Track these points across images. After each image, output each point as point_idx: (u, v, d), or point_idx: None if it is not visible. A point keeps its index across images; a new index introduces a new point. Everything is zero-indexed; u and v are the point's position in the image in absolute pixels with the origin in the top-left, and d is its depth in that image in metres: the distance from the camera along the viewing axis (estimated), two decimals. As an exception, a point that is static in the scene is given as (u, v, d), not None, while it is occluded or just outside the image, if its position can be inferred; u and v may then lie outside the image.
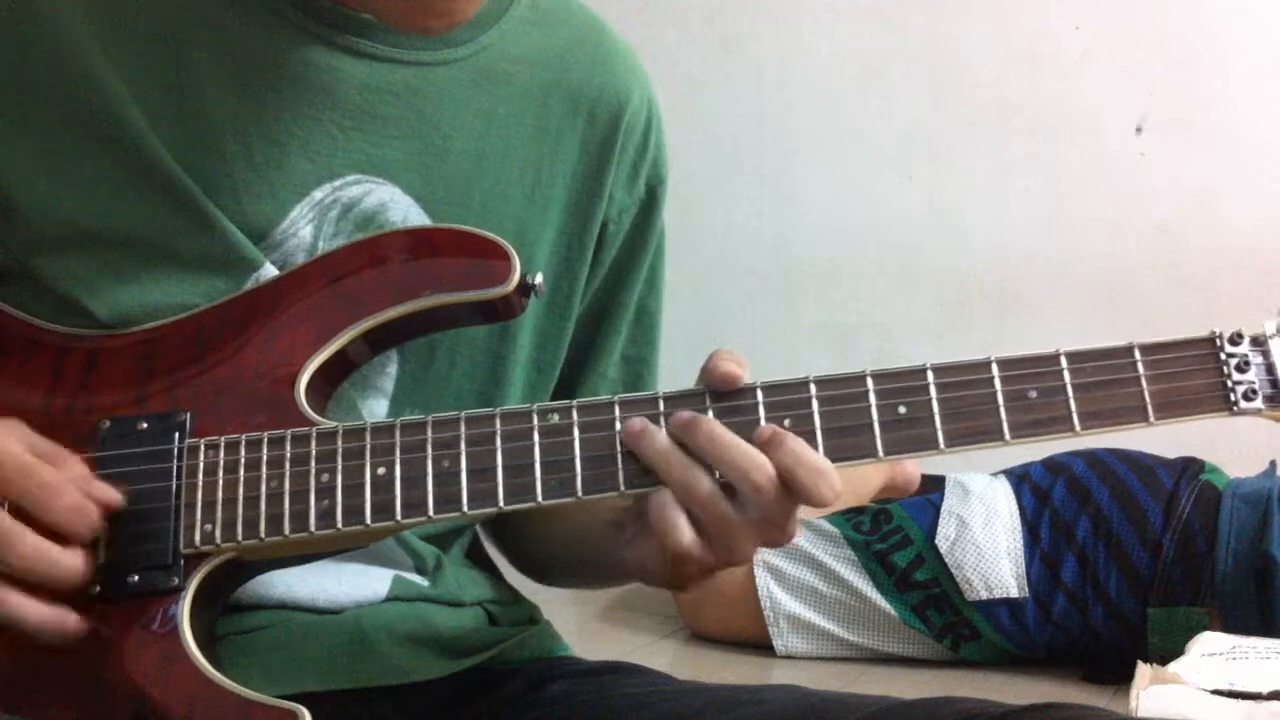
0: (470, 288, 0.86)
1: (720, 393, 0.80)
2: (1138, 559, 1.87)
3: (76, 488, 0.77)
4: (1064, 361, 0.79)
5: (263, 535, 0.80)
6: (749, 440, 0.77)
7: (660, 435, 0.78)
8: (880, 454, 0.78)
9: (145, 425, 0.83)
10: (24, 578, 0.76)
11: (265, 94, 0.90)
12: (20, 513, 0.76)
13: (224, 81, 0.90)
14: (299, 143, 0.91)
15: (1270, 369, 0.79)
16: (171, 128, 0.89)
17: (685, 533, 0.77)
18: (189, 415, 0.83)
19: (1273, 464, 1.99)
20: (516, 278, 0.85)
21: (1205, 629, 1.71)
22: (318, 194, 0.91)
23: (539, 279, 0.87)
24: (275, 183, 0.90)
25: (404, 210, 0.93)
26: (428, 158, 0.94)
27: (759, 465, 0.76)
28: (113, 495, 0.79)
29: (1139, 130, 2.41)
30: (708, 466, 0.77)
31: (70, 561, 0.77)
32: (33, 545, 0.76)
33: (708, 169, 2.63)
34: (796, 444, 0.77)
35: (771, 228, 2.64)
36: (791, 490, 0.77)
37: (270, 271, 0.89)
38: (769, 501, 0.77)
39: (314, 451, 0.81)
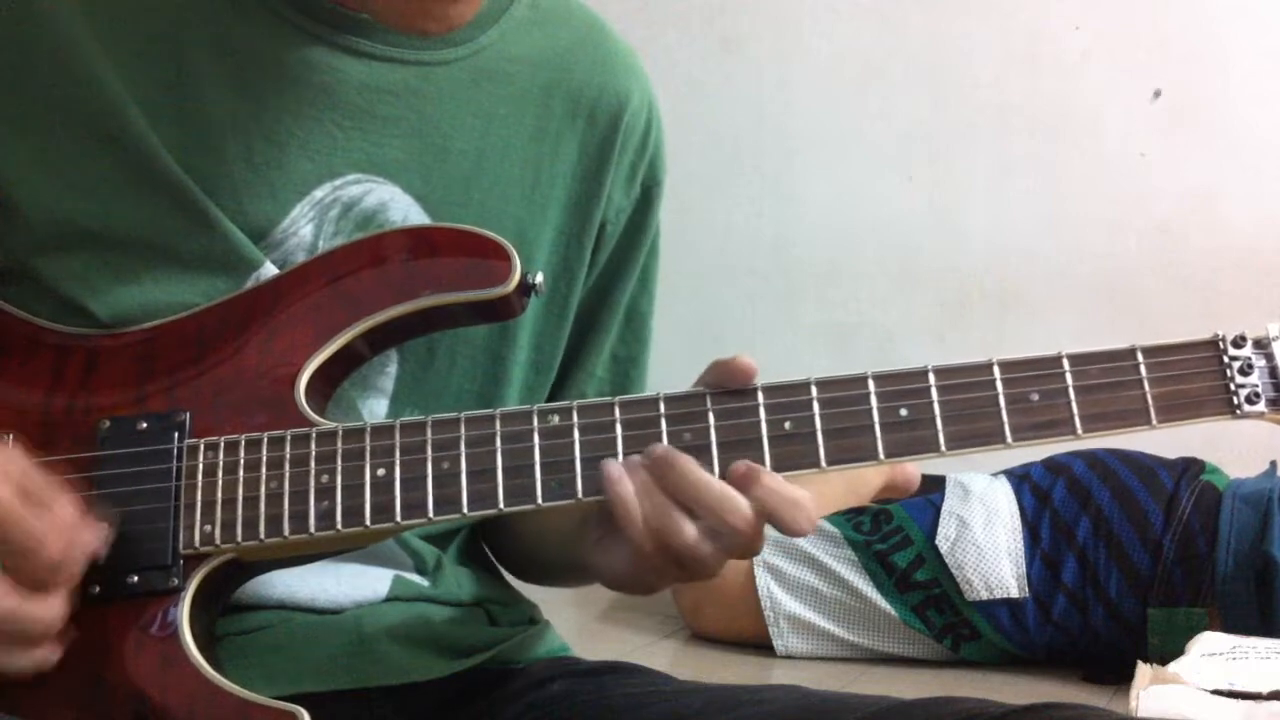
0: (470, 287, 0.85)
1: (721, 393, 0.80)
2: (1138, 559, 1.87)
3: (62, 536, 0.76)
4: (1066, 364, 0.79)
5: (262, 536, 0.80)
6: (726, 475, 0.78)
7: (631, 484, 0.78)
8: (881, 456, 0.78)
9: (145, 425, 0.83)
10: (2, 635, 0.75)
11: (265, 94, 0.90)
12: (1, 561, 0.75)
13: (224, 81, 0.90)
14: (299, 142, 0.91)
15: (1273, 372, 0.78)
16: (171, 127, 0.89)
17: (659, 558, 0.78)
18: (189, 415, 0.83)
19: (1273, 464, 1.99)
20: (517, 277, 0.85)
21: (1205, 629, 1.71)
22: (318, 193, 0.91)
23: (539, 279, 0.87)
24: (275, 182, 0.90)
25: (404, 209, 0.93)
26: (428, 157, 0.94)
27: (737, 508, 0.77)
28: (98, 543, 0.78)
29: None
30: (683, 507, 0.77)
31: (48, 616, 0.76)
32: (8, 607, 0.74)
33: (708, 169, 2.63)
34: (772, 479, 0.77)
35: (771, 228, 2.64)
36: (770, 522, 0.77)
37: (270, 271, 0.89)
38: (744, 536, 0.77)
39: (314, 452, 0.81)
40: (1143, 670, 1.43)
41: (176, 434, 0.82)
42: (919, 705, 0.86)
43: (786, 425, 0.79)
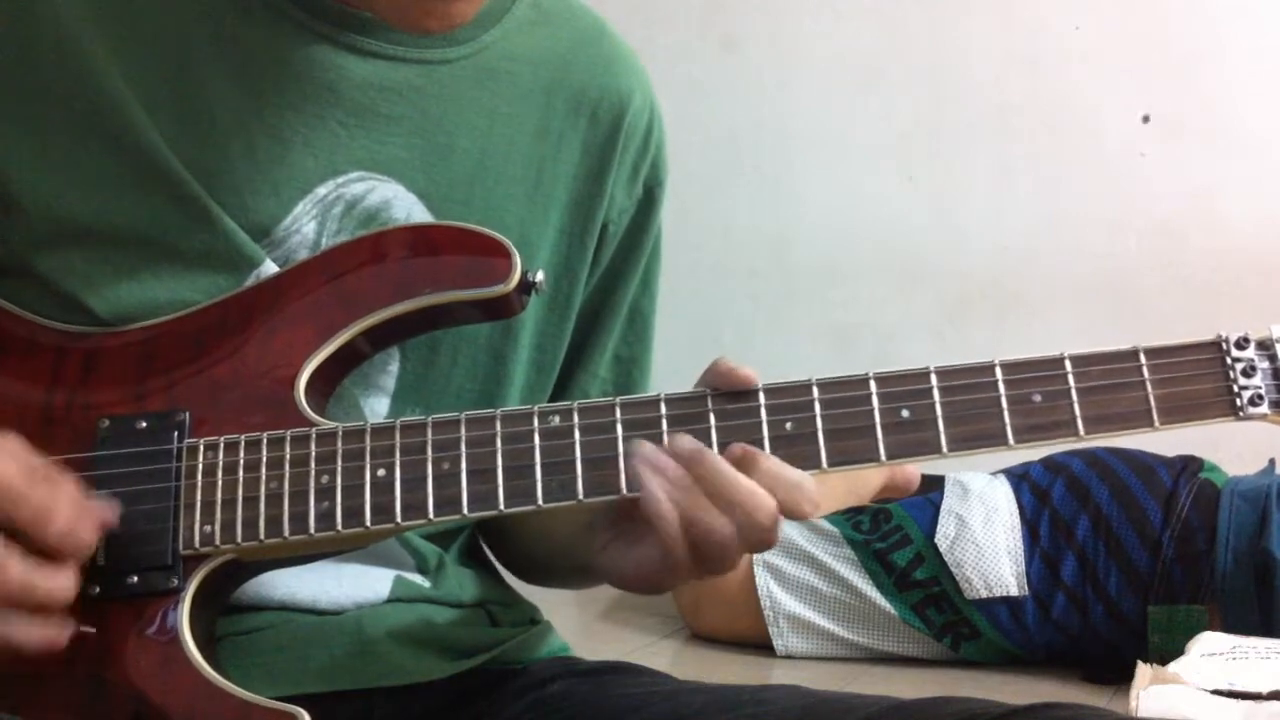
0: (471, 285, 0.85)
1: (722, 394, 0.80)
2: (1137, 558, 1.87)
3: (71, 506, 0.76)
4: (1068, 365, 0.79)
5: (262, 537, 0.80)
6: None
7: (669, 474, 0.77)
8: (883, 457, 0.78)
9: (144, 424, 0.83)
10: (12, 605, 0.75)
11: (268, 91, 0.90)
12: (12, 536, 0.75)
13: (227, 78, 0.90)
14: (302, 139, 0.90)
15: (1276, 374, 0.78)
16: (174, 124, 0.89)
17: (685, 554, 0.78)
18: (188, 414, 0.83)
19: (1272, 462, 1.99)
20: (518, 276, 0.85)
21: (1205, 627, 1.71)
22: (321, 190, 0.91)
23: (540, 277, 0.87)
24: (278, 179, 0.90)
25: (407, 207, 0.93)
26: (431, 155, 0.94)
27: (764, 505, 0.76)
28: (107, 513, 0.78)
29: (1146, 119, 2.40)
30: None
31: (59, 586, 0.76)
32: (18, 575, 0.74)
33: (708, 169, 2.63)
34: (769, 462, 0.77)
35: (771, 228, 2.64)
36: None
37: (271, 269, 0.89)
38: (766, 529, 0.77)
39: (313, 453, 0.81)
40: (1143, 670, 1.43)
41: (176, 433, 0.82)
42: (919, 705, 0.86)
43: (788, 426, 0.79)
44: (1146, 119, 2.41)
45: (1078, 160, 2.47)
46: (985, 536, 1.93)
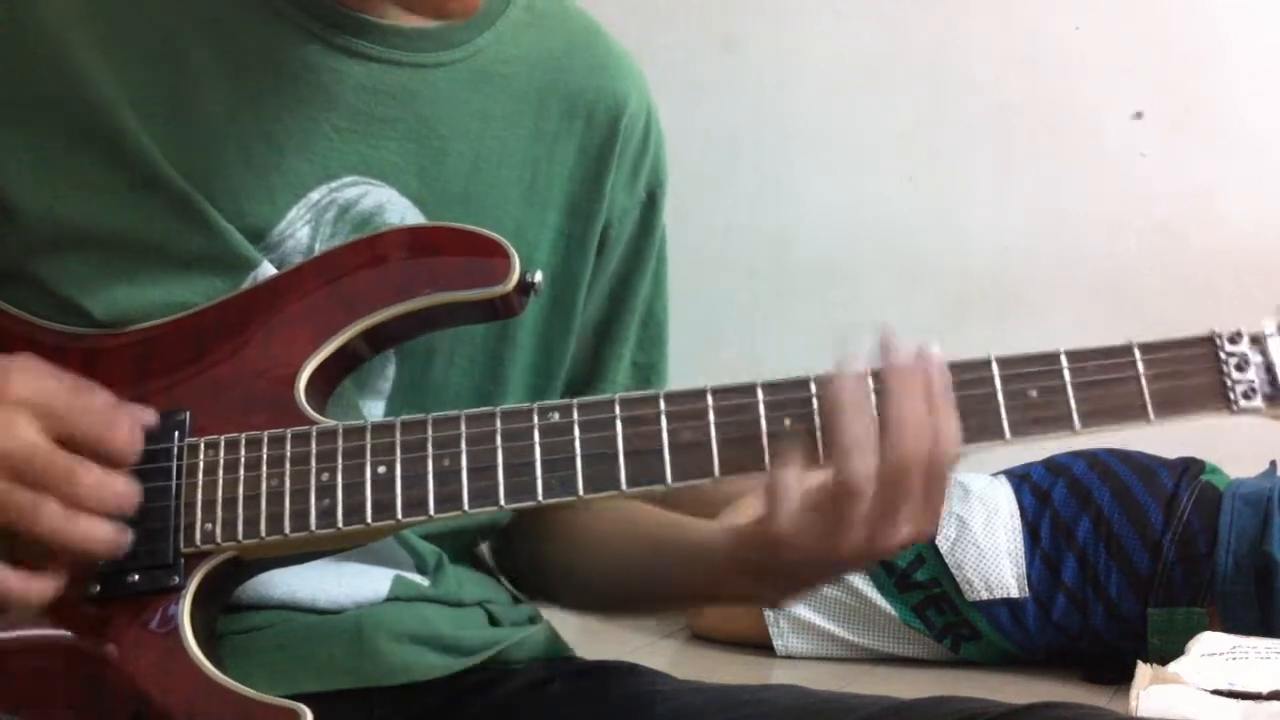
0: (469, 286, 0.85)
1: (721, 391, 0.80)
2: (1138, 559, 1.87)
3: (124, 413, 0.78)
4: (1064, 360, 0.79)
5: (263, 534, 0.80)
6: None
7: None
8: (881, 454, 0.78)
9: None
10: (81, 505, 0.75)
11: (263, 94, 0.90)
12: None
13: (222, 82, 0.90)
14: (296, 143, 0.91)
15: (1269, 368, 0.78)
16: (169, 128, 0.89)
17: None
18: (188, 414, 0.83)
19: (1273, 464, 1.99)
20: (516, 276, 0.85)
21: (1205, 629, 1.71)
22: (315, 195, 0.91)
23: (538, 278, 0.87)
24: (272, 183, 0.90)
25: (401, 212, 0.93)
26: (425, 159, 0.94)
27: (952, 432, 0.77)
28: (142, 414, 0.80)
29: (1139, 115, 2.41)
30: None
31: (125, 486, 0.77)
32: (95, 478, 0.76)
33: (708, 169, 2.63)
34: (946, 401, 0.77)
35: (771, 228, 2.64)
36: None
37: (268, 270, 0.89)
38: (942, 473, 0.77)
39: (314, 451, 0.81)
40: (1143, 670, 1.43)
41: (176, 433, 0.82)
42: (919, 705, 0.86)
43: (787, 422, 0.79)
44: (1139, 115, 2.41)
45: (1078, 160, 2.47)
46: (986, 538, 1.94)
